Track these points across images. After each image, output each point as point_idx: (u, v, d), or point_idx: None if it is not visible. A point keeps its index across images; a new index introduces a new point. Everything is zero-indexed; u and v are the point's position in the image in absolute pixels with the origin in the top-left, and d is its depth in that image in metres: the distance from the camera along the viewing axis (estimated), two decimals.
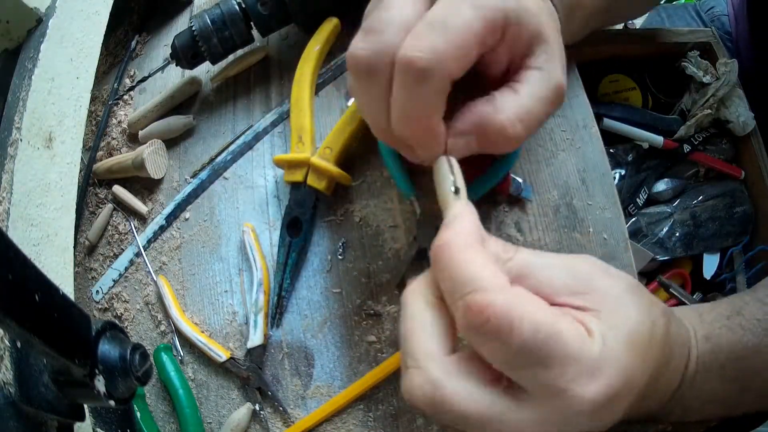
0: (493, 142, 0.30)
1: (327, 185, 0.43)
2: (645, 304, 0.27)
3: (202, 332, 0.45)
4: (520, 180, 0.41)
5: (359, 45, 0.29)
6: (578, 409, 0.23)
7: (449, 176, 0.29)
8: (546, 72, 0.30)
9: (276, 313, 0.43)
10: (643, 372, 0.25)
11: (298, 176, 0.43)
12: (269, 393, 0.42)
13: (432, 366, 0.24)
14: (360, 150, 0.45)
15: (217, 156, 0.50)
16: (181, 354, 0.45)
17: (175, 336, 0.46)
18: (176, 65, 0.50)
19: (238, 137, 0.50)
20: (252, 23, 0.48)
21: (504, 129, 0.29)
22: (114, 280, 0.50)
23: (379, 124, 0.31)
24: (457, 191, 0.29)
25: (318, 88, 0.49)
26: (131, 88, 0.57)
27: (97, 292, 0.51)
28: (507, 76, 0.31)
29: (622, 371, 0.24)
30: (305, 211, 0.43)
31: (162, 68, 0.54)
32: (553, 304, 0.25)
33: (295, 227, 0.44)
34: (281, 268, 0.43)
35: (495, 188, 0.39)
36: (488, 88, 0.31)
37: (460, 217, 0.27)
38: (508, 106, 0.29)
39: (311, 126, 0.44)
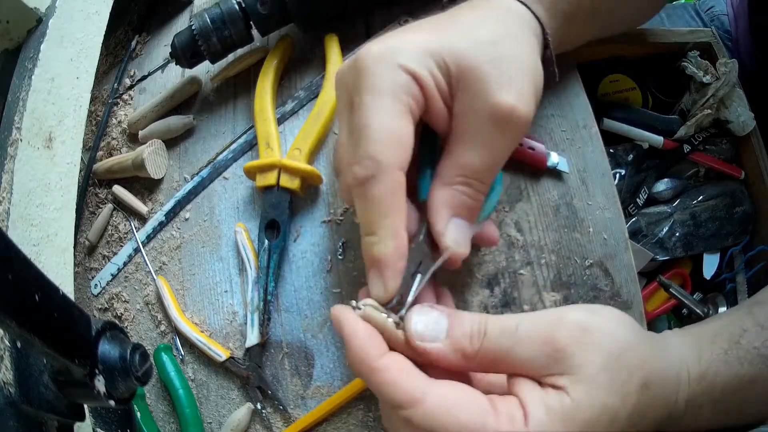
0: (472, 210, 0.32)
1: (300, 185, 0.44)
2: (618, 381, 0.26)
3: (202, 332, 0.45)
4: (555, 153, 0.41)
5: (341, 187, 0.32)
6: None
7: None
8: (474, 106, 0.29)
9: (264, 319, 0.43)
10: None
11: (270, 180, 0.44)
12: (269, 392, 0.42)
13: None
14: None
15: (216, 157, 0.51)
16: (182, 354, 0.45)
17: (175, 336, 0.46)
18: (176, 64, 0.50)
19: (239, 137, 0.50)
20: (251, 23, 0.48)
21: (463, 199, 0.31)
22: (113, 275, 0.50)
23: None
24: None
25: (314, 94, 0.50)
26: (131, 87, 0.57)
27: (96, 285, 0.51)
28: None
29: None
30: (281, 213, 0.44)
31: (162, 67, 0.54)
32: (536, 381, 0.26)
33: (272, 230, 0.44)
34: (264, 272, 0.43)
35: (531, 162, 0.41)
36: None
37: (352, 337, 0.28)
38: (449, 175, 0.30)
39: (277, 133, 0.46)
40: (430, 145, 0.34)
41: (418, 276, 0.30)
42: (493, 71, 0.29)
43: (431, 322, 0.28)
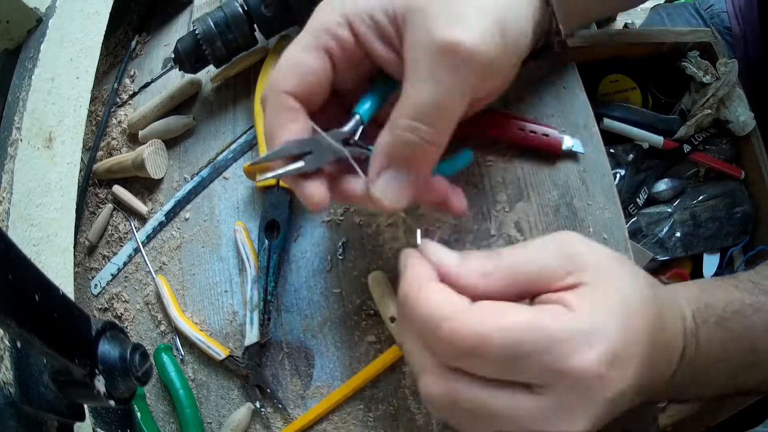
0: (419, 161, 0.30)
1: None
2: (630, 272, 0.27)
3: (202, 331, 0.45)
4: (568, 137, 0.41)
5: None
6: (586, 379, 0.23)
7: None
8: (418, 41, 0.28)
9: (264, 318, 0.43)
10: (640, 333, 0.25)
11: (270, 180, 0.44)
12: (268, 390, 0.42)
13: (441, 376, 0.26)
14: None
15: (216, 157, 0.51)
16: (182, 354, 0.45)
17: (175, 336, 0.46)
18: (179, 70, 0.50)
19: (239, 137, 0.50)
20: (255, 26, 0.48)
21: (406, 149, 0.29)
22: (113, 275, 0.50)
23: None
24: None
25: None
26: (134, 95, 0.57)
27: (96, 285, 0.51)
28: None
29: (617, 333, 0.24)
30: (281, 213, 0.44)
31: (164, 73, 0.54)
32: (550, 291, 0.26)
33: (272, 230, 0.44)
34: (264, 272, 0.43)
35: (547, 148, 0.41)
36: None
37: (409, 266, 0.28)
38: (396, 117, 0.29)
39: None
40: (381, 90, 0.34)
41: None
42: (439, 8, 0.28)
43: (443, 250, 0.28)
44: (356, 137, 0.32)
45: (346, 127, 0.32)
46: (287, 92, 0.30)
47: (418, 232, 0.31)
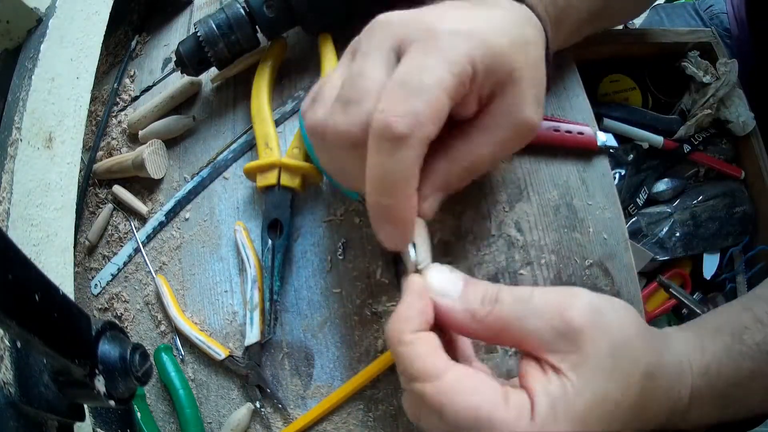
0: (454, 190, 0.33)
1: (301, 183, 0.44)
2: (622, 370, 0.26)
3: (201, 331, 0.45)
4: (600, 132, 0.42)
5: (339, 119, 0.29)
6: None
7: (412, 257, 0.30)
8: (509, 115, 0.31)
9: (271, 319, 0.43)
10: None
11: (271, 179, 0.44)
12: (268, 390, 0.42)
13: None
14: None
15: (216, 157, 0.51)
16: (182, 354, 0.45)
17: (175, 336, 0.46)
18: (181, 72, 0.50)
19: (239, 137, 0.50)
20: (258, 27, 0.47)
21: (456, 180, 0.32)
22: (113, 275, 0.50)
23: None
24: (418, 270, 0.30)
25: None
26: (135, 98, 0.57)
27: (96, 285, 0.51)
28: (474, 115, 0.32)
29: None
30: (283, 212, 0.44)
31: (164, 78, 0.54)
32: (535, 357, 0.27)
33: (275, 229, 0.44)
34: (269, 272, 0.43)
35: (583, 146, 0.42)
36: (456, 126, 0.32)
37: (404, 305, 0.28)
38: (459, 157, 0.32)
39: (275, 133, 0.46)
40: None
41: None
42: (531, 87, 0.31)
43: (447, 281, 0.29)
44: None
45: None
46: (430, 140, 0.28)
47: (411, 251, 0.30)
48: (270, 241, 0.44)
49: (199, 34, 0.46)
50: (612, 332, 0.26)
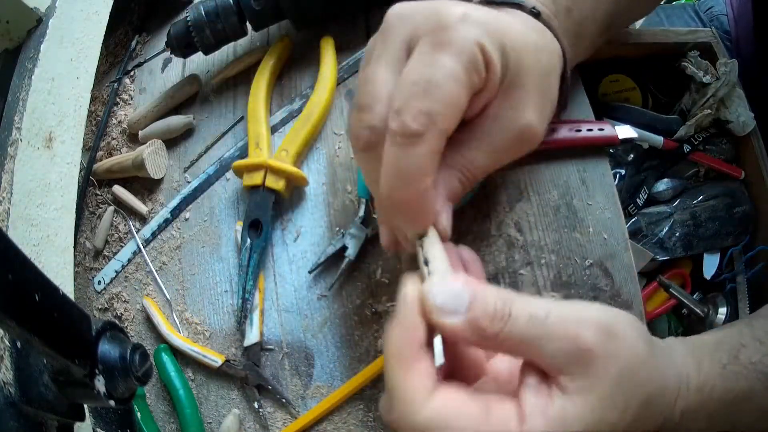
0: (457, 198, 0.32)
1: (285, 186, 0.44)
2: (624, 397, 0.26)
3: (199, 333, 0.45)
4: (619, 126, 0.42)
5: (357, 125, 0.30)
6: None
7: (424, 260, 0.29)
8: (510, 119, 0.31)
9: (242, 317, 0.43)
10: None
11: (256, 179, 0.44)
12: (269, 387, 0.42)
13: None
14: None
15: (212, 150, 0.51)
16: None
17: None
18: (170, 53, 0.50)
19: (237, 135, 0.50)
20: (245, 17, 0.48)
21: (458, 187, 0.31)
22: (116, 271, 0.50)
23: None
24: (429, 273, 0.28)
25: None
26: (127, 72, 0.57)
27: (99, 282, 0.51)
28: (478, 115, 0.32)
29: None
30: (265, 213, 0.44)
31: (157, 55, 0.53)
32: (546, 376, 0.26)
33: (255, 229, 0.44)
34: (244, 270, 0.43)
35: (605, 143, 0.42)
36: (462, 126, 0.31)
37: (399, 324, 0.26)
38: (458, 162, 0.31)
39: (267, 133, 0.47)
40: None
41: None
42: (535, 94, 0.31)
43: (452, 295, 0.26)
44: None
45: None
46: (447, 137, 0.28)
47: (420, 253, 0.29)
48: (249, 240, 0.44)
49: (188, 18, 0.47)
50: (621, 358, 0.26)
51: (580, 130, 0.42)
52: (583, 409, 0.25)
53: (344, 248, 0.42)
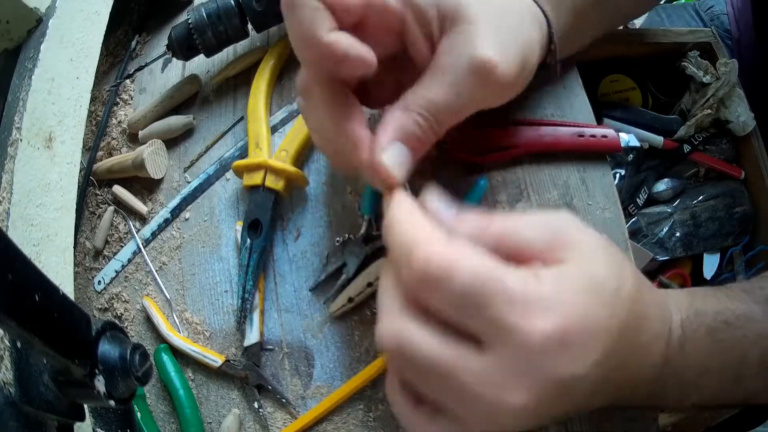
0: (419, 145, 0.31)
1: (284, 186, 0.44)
2: (615, 262, 0.27)
3: (199, 333, 0.45)
4: (622, 133, 0.42)
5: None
6: (530, 346, 0.23)
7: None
8: (461, 53, 0.30)
9: (241, 316, 0.43)
10: (606, 323, 0.25)
11: (256, 179, 0.44)
12: (269, 387, 0.42)
13: (397, 316, 0.26)
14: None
15: (212, 145, 0.51)
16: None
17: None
18: (172, 56, 0.50)
19: (240, 140, 0.50)
20: (247, 19, 0.48)
21: (415, 130, 0.31)
22: (116, 271, 0.50)
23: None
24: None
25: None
26: (128, 76, 0.57)
27: (99, 282, 0.51)
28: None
29: (577, 312, 0.23)
30: (265, 213, 0.44)
31: (158, 58, 0.53)
32: (530, 263, 0.26)
33: (255, 229, 0.44)
34: (243, 270, 0.43)
35: (607, 149, 0.42)
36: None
37: (398, 198, 0.28)
38: (413, 102, 0.31)
39: (267, 133, 0.47)
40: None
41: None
42: (487, 30, 0.30)
43: (443, 202, 0.28)
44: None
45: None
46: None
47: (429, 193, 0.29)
48: (249, 240, 0.44)
49: (189, 21, 0.47)
50: (596, 236, 0.27)
51: (582, 135, 0.41)
52: (581, 268, 0.25)
53: (344, 264, 0.42)
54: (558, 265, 0.25)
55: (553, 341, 0.23)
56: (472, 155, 0.42)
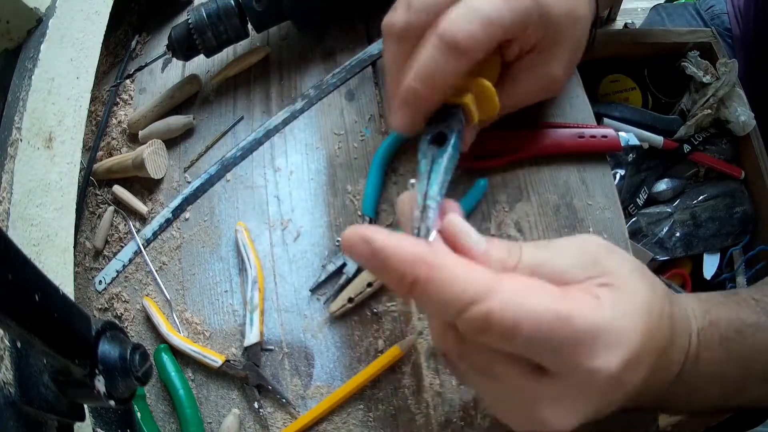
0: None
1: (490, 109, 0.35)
2: (651, 283, 0.27)
3: (199, 333, 0.45)
4: (622, 132, 0.42)
5: (397, 16, 0.33)
6: (602, 380, 0.23)
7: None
8: (541, 70, 0.36)
9: (420, 225, 0.29)
10: (656, 342, 0.26)
11: (466, 99, 0.34)
12: (269, 387, 0.42)
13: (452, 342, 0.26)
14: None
15: (212, 145, 0.51)
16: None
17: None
18: (172, 56, 0.50)
19: (242, 141, 0.50)
20: (247, 19, 0.48)
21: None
22: (117, 271, 0.50)
23: (396, 80, 0.34)
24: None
25: (324, 93, 0.50)
26: (128, 76, 0.57)
27: (100, 282, 0.51)
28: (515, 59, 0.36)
29: (638, 337, 0.24)
30: (449, 127, 0.34)
31: (158, 59, 0.53)
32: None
33: (439, 141, 0.34)
34: (425, 177, 0.30)
35: (607, 149, 0.42)
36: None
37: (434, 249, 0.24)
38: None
39: None
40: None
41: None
42: (569, 47, 0.35)
43: (471, 228, 0.26)
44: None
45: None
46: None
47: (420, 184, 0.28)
48: (429, 152, 0.32)
49: (189, 21, 0.47)
50: (628, 260, 0.27)
51: (582, 136, 0.42)
52: (632, 289, 0.25)
53: (344, 264, 0.42)
54: (608, 288, 0.25)
55: (622, 371, 0.23)
56: (473, 161, 0.42)
